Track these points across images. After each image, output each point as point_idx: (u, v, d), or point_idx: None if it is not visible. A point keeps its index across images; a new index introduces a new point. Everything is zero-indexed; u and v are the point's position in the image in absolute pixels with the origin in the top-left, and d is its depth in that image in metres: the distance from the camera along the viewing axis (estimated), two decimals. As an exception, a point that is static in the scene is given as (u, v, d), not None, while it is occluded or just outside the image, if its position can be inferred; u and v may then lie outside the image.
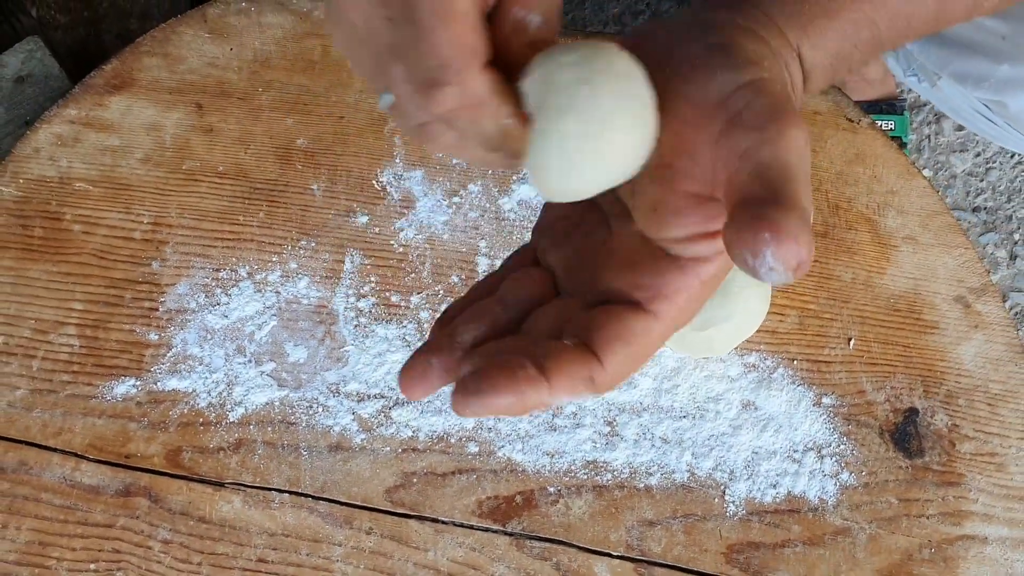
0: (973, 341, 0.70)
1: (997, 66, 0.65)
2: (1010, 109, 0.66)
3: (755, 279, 0.60)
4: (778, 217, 0.29)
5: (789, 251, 0.28)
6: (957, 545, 0.66)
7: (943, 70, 0.71)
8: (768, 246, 0.28)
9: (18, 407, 0.67)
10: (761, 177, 0.30)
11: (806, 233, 0.29)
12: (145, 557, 0.65)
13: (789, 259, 0.28)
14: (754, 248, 0.29)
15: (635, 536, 0.66)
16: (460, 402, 0.33)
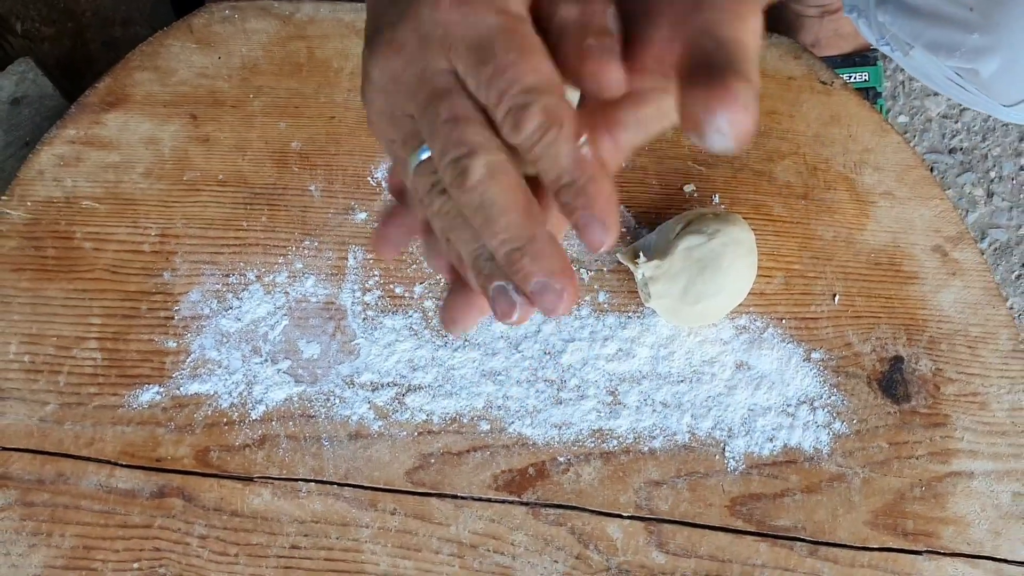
0: (952, 288, 0.73)
1: (968, 35, 0.67)
2: (982, 76, 0.69)
3: (739, 256, 0.62)
4: (735, 85, 0.31)
5: (739, 117, 0.31)
6: (946, 482, 0.70)
7: (916, 41, 0.73)
8: (722, 109, 0.31)
9: (50, 421, 0.71)
10: (722, 49, 0.33)
11: (754, 105, 0.31)
12: (184, 553, 0.69)
13: (738, 124, 0.31)
14: (707, 107, 0.31)
15: (643, 497, 0.70)
16: (450, 330, 0.39)
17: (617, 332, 0.72)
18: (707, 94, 0.31)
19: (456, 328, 0.39)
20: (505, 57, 0.33)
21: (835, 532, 0.69)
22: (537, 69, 0.34)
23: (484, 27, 0.34)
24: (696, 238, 0.67)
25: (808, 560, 0.69)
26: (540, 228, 0.34)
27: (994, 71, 0.67)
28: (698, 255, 0.66)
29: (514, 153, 0.35)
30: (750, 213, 0.74)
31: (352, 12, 0.78)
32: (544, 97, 0.33)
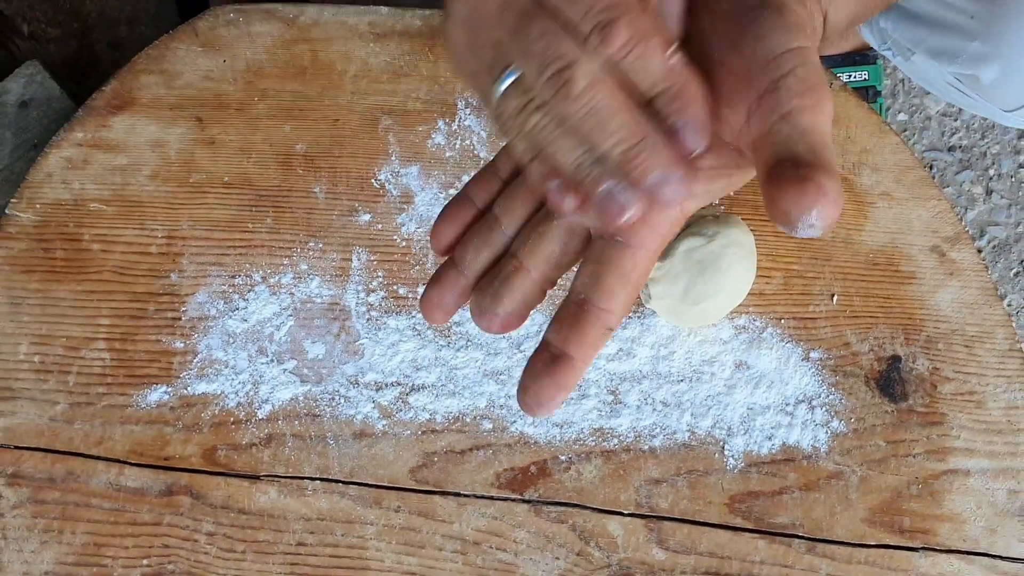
0: (949, 288, 0.74)
1: (969, 43, 0.68)
2: (982, 82, 0.69)
3: (738, 258, 0.63)
4: (823, 180, 0.32)
5: (831, 212, 0.32)
6: (942, 479, 0.71)
7: (918, 47, 0.74)
8: (815, 205, 0.32)
9: (60, 421, 0.72)
10: (804, 140, 0.34)
11: (842, 195, 0.33)
12: (193, 550, 0.70)
13: (829, 218, 0.32)
14: (799, 204, 0.32)
15: (643, 495, 0.71)
16: (534, 414, 0.39)
17: (617, 332, 0.73)
18: (799, 191, 0.32)
19: (543, 411, 0.39)
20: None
21: (833, 529, 0.70)
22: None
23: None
24: (696, 240, 0.68)
25: (806, 557, 0.70)
26: (651, 128, 0.35)
27: (994, 78, 0.68)
28: (698, 257, 0.67)
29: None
30: (750, 214, 0.74)
31: (355, 15, 0.78)
32: (630, 11, 0.34)
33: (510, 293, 0.40)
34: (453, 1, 0.37)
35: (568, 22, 0.34)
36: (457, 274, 0.41)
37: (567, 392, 0.39)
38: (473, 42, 0.37)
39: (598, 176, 0.35)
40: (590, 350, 0.39)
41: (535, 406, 0.39)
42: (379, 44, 0.78)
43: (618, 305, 0.39)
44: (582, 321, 0.39)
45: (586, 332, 0.38)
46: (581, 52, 0.34)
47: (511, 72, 0.35)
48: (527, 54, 0.35)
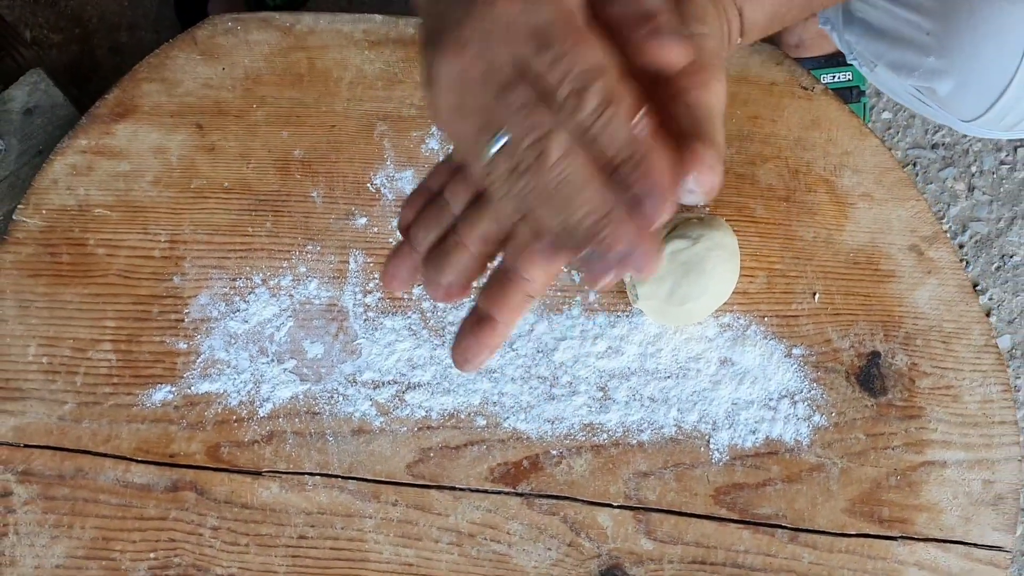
0: (927, 286, 0.76)
1: (925, 57, 0.71)
2: (939, 94, 0.72)
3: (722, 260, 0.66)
4: (701, 150, 0.36)
5: (707, 178, 0.36)
6: (920, 471, 0.73)
7: (879, 60, 0.76)
8: (691, 171, 0.36)
9: (68, 420, 0.75)
10: (688, 114, 0.37)
11: (720, 164, 0.36)
12: (198, 543, 0.73)
13: (705, 183, 0.36)
14: (680, 170, 0.36)
15: (632, 487, 0.73)
16: (462, 368, 0.44)
17: (607, 331, 0.75)
18: (679, 159, 0.35)
19: (468, 366, 0.44)
20: (564, 43, 0.36)
21: (814, 519, 0.73)
22: (593, 52, 0.36)
23: (542, 17, 0.36)
24: (681, 242, 0.70)
25: (789, 546, 0.72)
26: (616, 200, 0.36)
27: (949, 91, 0.70)
28: (683, 259, 0.70)
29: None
30: (733, 215, 0.77)
31: (350, 24, 0.81)
32: (601, 78, 0.36)
33: (451, 266, 0.43)
34: (439, 67, 0.38)
35: (547, 88, 0.36)
36: (410, 250, 0.45)
37: (491, 351, 0.43)
38: (461, 107, 0.39)
39: (576, 243, 0.37)
40: (512, 314, 0.43)
41: (463, 362, 0.43)
42: (374, 51, 0.80)
43: (539, 274, 0.42)
44: (506, 288, 0.42)
45: (509, 298, 0.42)
46: (557, 121, 0.36)
47: (500, 136, 0.37)
48: (510, 122, 0.37)
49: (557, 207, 0.37)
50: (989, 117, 0.70)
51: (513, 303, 0.43)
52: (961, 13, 0.66)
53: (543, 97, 0.37)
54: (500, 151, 0.38)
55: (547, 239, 0.39)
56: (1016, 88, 0.66)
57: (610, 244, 0.36)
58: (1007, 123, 0.70)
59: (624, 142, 0.36)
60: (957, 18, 0.66)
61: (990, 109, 0.69)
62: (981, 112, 0.70)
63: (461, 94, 0.38)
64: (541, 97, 0.37)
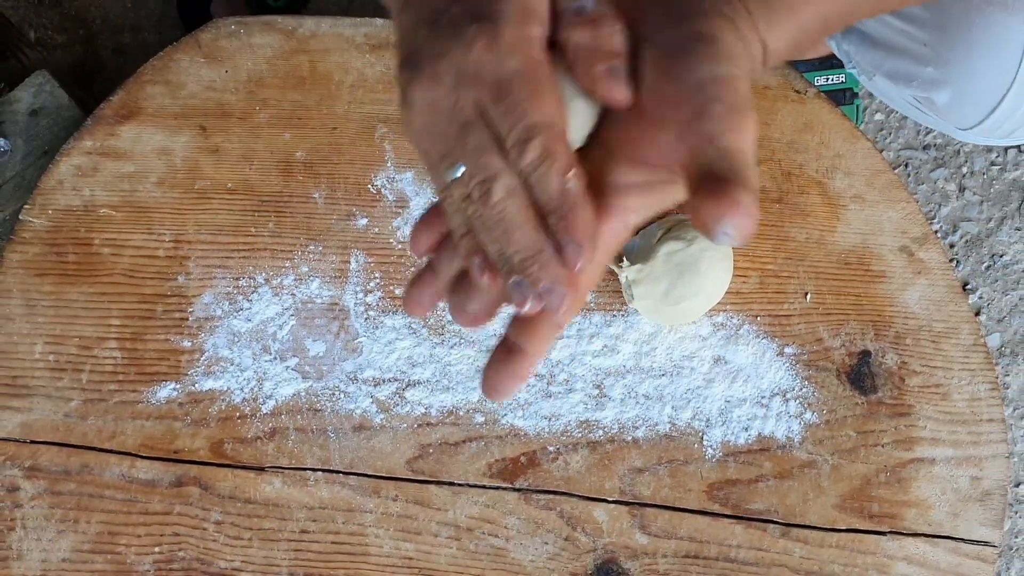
0: (917, 286, 0.78)
1: (923, 68, 0.72)
2: (936, 104, 0.73)
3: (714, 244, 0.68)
4: (740, 195, 0.37)
5: (744, 222, 0.37)
6: (909, 467, 0.75)
7: (877, 70, 0.78)
8: (731, 217, 0.37)
9: (74, 416, 0.76)
10: (725, 160, 0.38)
11: (755, 209, 0.37)
12: (202, 537, 0.74)
13: (744, 228, 0.37)
14: (717, 215, 0.37)
15: (627, 483, 0.75)
16: (493, 398, 0.46)
17: (603, 330, 0.77)
18: (716, 204, 0.37)
19: (499, 396, 0.46)
20: (518, 96, 0.40)
21: (806, 515, 0.74)
22: (543, 110, 0.40)
23: (507, 69, 0.40)
24: (676, 244, 0.71)
25: (780, 541, 0.74)
26: (547, 242, 0.41)
27: (947, 101, 0.71)
28: (678, 260, 0.71)
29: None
30: (728, 216, 0.78)
31: (351, 27, 0.82)
32: (544, 134, 0.40)
33: (478, 295, 0.45)
34: (414, 92, 0.42)
35: (498, 135, 0.40)
36: (433, 276, 0.47)
37: (522, 380, 0.45)
38: (430, 129, 0.42)
39: (506, 271, 0.41)
40: (541, 344, 0.44)
41: (493, 391, 0.45)
42: (374, 55, 0.82)
43: (568, 305, 0.44)
44: (535, 319, 0.44)
45: (538, 328, 0.44)
46: (505, 166, 0.40)
47: (458, 167, 0.41)
48: (465, 158, 0.41)
49: (496, 238, 0.41)
50: (987, 125, 0.71)
51: (542, 333, 0.44)
52: (957, 25, 0.67)
53: (497, 141, 0.41)
54: (456, 180, 0.42)
55: (481, 257, 0.43)
56: (1013, 97, 0.67)
57: (534, 280, 0.41)
58: (1004, 131, 0.71)
59: (554, 194, 0.40)
60: (953, 30, 0.67)
61: (987, 118, 0.70)
62: (979, 121, 0.71)
63: (431, 119, 0.42)
64: (495, 141, 0.41)
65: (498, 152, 0.41)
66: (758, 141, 0.41)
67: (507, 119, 0.40)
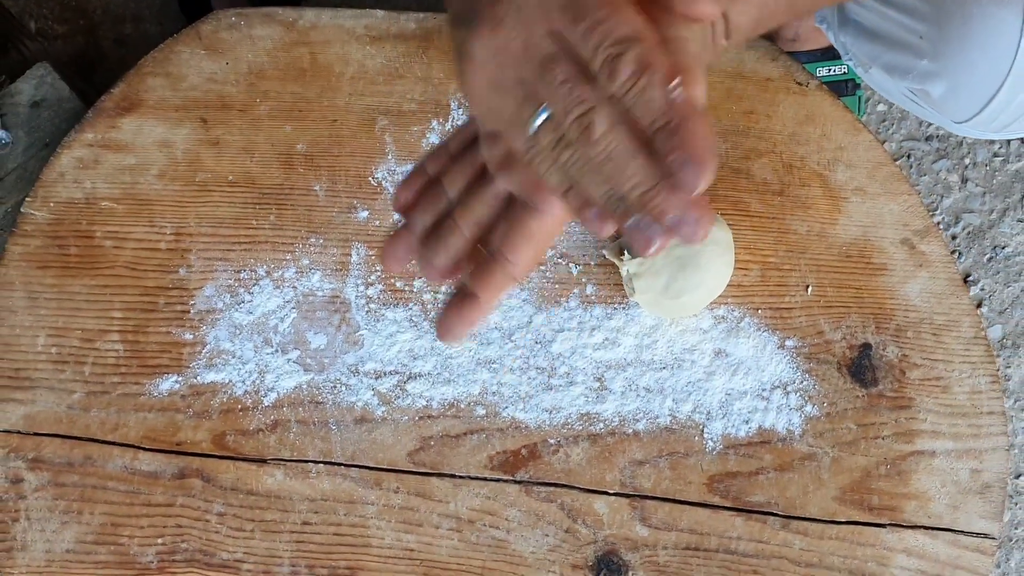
0: (918, 279, 0.78)
1: (919, 60, 0.72)
2: (932, 96, 0.73)
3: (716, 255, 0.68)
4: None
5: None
6: (909, 460, 0.75)
7: (874, 62, 0.78)
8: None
9: (77, 408, 0.76)
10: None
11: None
12: (204, 529, 0.75)
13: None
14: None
15: (627, 475, 0.75)
16: (443, 340, 0.47)
17: (604, 322, 0.77)
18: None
19: (450, 337, 0.47)
20: (596, 13, 0.37)
21: (806, 507, 0.74)
22: (627, 21, 0.37)
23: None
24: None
25: (781, 533, 0.74)
26: (665, 168, 0.37)
27: (942, 93, 0.71)
28: (678, 253, 0.71)
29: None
30: (729, 209, 0.78)
31: (352, 19, 0.82)
32: (635, 46, 0.37)
33: (445, 248, 0.46)
34: (474, 45, 0.40)
35: (583, 61, 0.37)
36: (408, 232, 0.48)
37: (471, 325, 0.46)
38: (499, 83, 0.40)
39: (624, 211, 0.38)
40: (493, 292, 0.45)
41: (445, 333, 0.47)
42: (375, 47, 0.82)
43: (523, 258, 0.45)
44: (491, 268, 0.45)
45: (493, 277, 0.45)
46: (599, 96, 0.37)
47: (543, 111, 0.38)
48: (553, 96, 0.38)
49: (605, 179, 0.38)
50: (981, 119, 0.71)
51: (496, 282, 0.45)
52: (953, 18, 0.67)
53: (584, 71, 0.37)
54: (543, 125, 0.39)
55: (594, 209, 0.40)
56: (1007, 91, 0.67)
57: (661, 212, 0.37)
58: (998, 124, 0.71)
59: (659, 110, 0.36)
60: (949, 23, 0.67)
61: (982, 111, 0.70)
62: (973, 114, 0.71)
63: (498, 70, 0.39)
64: (582, 71, 0.37)
65: (588, 82, 0.37)
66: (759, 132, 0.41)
67: (590, 39, 0.37)
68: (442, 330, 0.47)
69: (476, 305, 0.46)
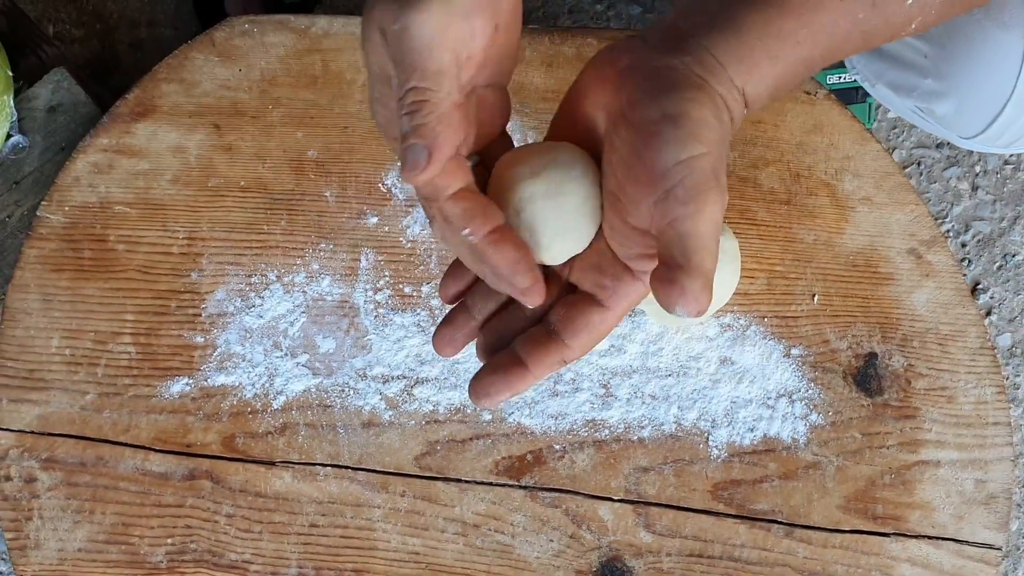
0: (925, 288, 0.78)
1: (923, 79, 0.72)
2: (937, 114, 0.73)
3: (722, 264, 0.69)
4: (687, 282, 0.40)
5: (690, 305, 0.40)
6: (914, 470, 0.75)
7: (879, 79, 0.78)
8: (677, 301, 0.40)
9: (89, 410, 0.78)
10: (680, 245, 0.41)
11: (704, 292, 0.40)
12: (213, 530, 0.76)
13: (690, 310, 0.40)
14: (667, 298, 0.40)
15: (632, 482, 0.76)
16: (477, 402, 0.48)
17: (610, 329, 0.77)
18: (668, 290, 0.40)
19: (486, 402, 0.48)
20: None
21: (810, 515, 0.75)
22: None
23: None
24: (682, 246, 0.72)
25: (784, 541, 0.75)
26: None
27: (947, 112, 0.72)
28: (683, 262, 0.71)
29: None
30: (736, 218, 0.79)
31: (364, 26, 0.82)
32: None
33: (510, 332, 0.50)
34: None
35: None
36: (468, 317, 0.50)
37: (512, 395, 0.48)
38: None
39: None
40: (544, 370, 0.47)
41: (483, 396, 0.48)
42: (386, 54, 0.82)
43: (579, 346, 0.47)
44: (547, 346, 0.47)
45: (547, 355, 0.47)
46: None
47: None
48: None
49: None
50: (987, 136, 0.71)
51: (548, 361, 0.47)
52: (956, 39, 0.67)
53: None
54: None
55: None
56: (1011, 110, 0.67)
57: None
58: (1004, 141, 0.71)
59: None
60: (952, 43, 0.68)
61: (987, 129, 0.70)
62: (979, 131, 0.71)
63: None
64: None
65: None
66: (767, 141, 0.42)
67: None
68: (479, 392, 0.48)
69: (524, 376, 0.47)
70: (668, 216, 0.41)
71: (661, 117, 0.43)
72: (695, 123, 0.42)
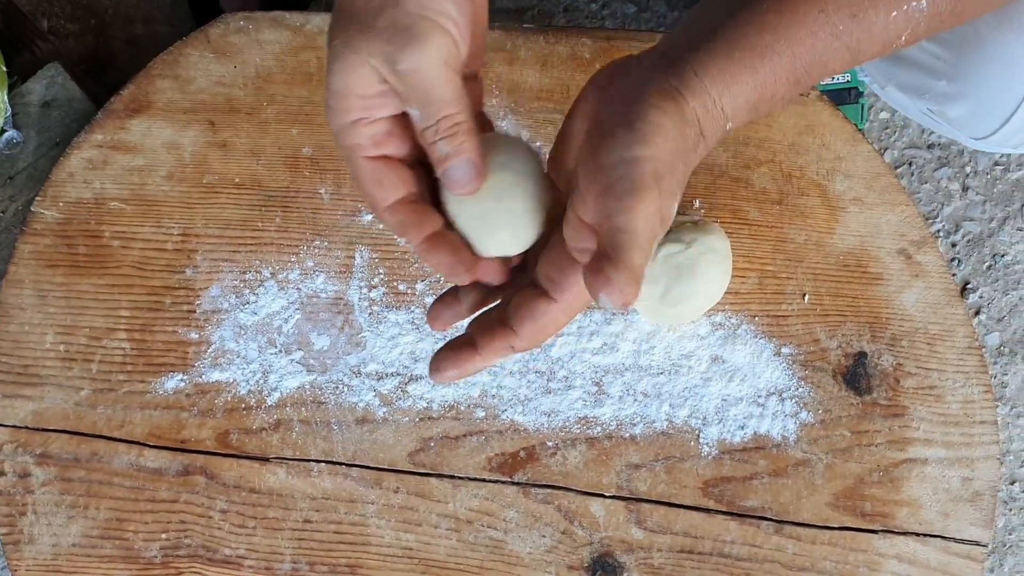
0: (914, 288, 0.79)
1: (936, 81, 0.73)
2: (949, 116, 0.74)
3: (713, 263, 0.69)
4: (612, 274, 0.41)
5: (614, 296, 0.41)
6: (902, 467, 0.76)
7: (890, 81, 0.79)
8: (601, 290, 0.41)
9: (84, 405, 0.78)
10: (611, 237, 0.42)
11: (630, 285, 0.41)
12: (207, 525, 0.76)
13: (615, 302, 0.41)
14: (592, 287, 0.42)
15: (624, 478, 0.76)
16: (431, 376, 0.51)
17: (602, 328, 0.78)
18: (594, 279, 0.41)
19: (439, 377, 0.50)
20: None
21: (799, 512, 0.75)
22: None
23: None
24: (675, 246, 0.72)
25: (774, 537, 0.75)
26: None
27: (959, 114, 0.72)
28: (676, 262, 0.72)
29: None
30: (727, 217, 0.79)
31: (359, 24, 0.83)
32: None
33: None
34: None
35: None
36: (456, 301, 0.52)
37: (461, 375, 0.50)
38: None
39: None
40: (492, 355, 0.50)
41: (434, 371, 0.50)
42: (381, 52, 0.83)
43: (526, 334, 0.49)
44: (496, 332, 0.49)
45: (495, 340, 0.49)
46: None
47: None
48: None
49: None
50: (998, 137, 0.72)
51: (496, 347, 0.49)
52: (970, 43, 0.68)
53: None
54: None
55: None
56: (1023, 113, 0.68)
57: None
58: (1016, 142, 0.72)
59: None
60: (966, 47, 0.68)
61: (999, 130, 0.71)
62: (990, 133, 0.72)
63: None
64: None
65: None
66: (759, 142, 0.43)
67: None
68: (432, 367, 0.51)
69: (473, 358, 0.50)
70: (606, 210, 0.43)
71: (623, 120, 0.44)
72: (649, 127, 0.44)
